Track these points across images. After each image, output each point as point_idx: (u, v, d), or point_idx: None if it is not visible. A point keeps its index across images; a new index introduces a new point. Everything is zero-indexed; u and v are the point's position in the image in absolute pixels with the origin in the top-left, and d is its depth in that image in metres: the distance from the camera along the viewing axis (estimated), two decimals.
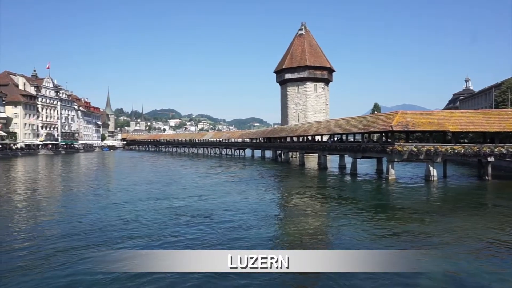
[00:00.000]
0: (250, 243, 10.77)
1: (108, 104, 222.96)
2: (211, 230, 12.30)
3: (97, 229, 12.61)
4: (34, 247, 10.52)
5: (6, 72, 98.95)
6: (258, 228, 12.71)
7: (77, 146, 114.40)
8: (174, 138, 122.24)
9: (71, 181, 31.08)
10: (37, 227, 13.31)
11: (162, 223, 13.46)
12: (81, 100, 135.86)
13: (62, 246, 10.54)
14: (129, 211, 15.64)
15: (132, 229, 12.54)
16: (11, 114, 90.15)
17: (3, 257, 9.58)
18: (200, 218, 14.18)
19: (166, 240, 11.15)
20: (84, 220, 14.22)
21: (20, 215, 15.65)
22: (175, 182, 27.31)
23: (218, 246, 10.45)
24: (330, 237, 12.23)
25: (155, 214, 15.06)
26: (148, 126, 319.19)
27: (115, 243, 10.81)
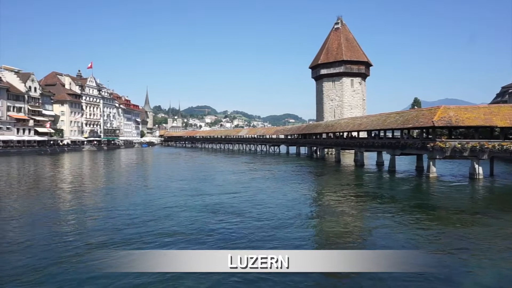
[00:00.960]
0: (282, 243, 10.56)
1: (147, 101, 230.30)
2: (243, 229, 12.19)
3: (128, 225, 12.78)
4: (63, 242, 10.92)
5: (54, 72, 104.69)
6: (291, 227, 12.47)
7: (118, 142, 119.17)
8: (210, 135, 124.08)
9: (112, 176, 32.29)
10: (73, 221, 13.83)
11: (193, 220, 13.45)
12: (121, 98, 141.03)
13: (90, 241, 10.83)
14: (162, 208, 15.80)
15: (162, 226, 12.54)
16: (59, 112, 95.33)
17: (37, 249, 10.07)
18: (232, 216, 14.12)
19: (196, 238, 11.09)
20: (118, 215, 14.54)
21: (60, 208, 16.41)
22: (209, 179, 27.60)
23: (249, 245, 10.32)
24: (366, 238, 11.78)
25: (187, 211, 15.11)
26: (184, 123, 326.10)
27: (139, 241, 10.74)
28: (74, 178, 30.01)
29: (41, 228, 12.39)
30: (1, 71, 79.49)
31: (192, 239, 10.98)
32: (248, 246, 10.26)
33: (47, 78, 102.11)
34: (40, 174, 33.13)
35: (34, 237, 11.27)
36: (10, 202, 17.89)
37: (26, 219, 13.97)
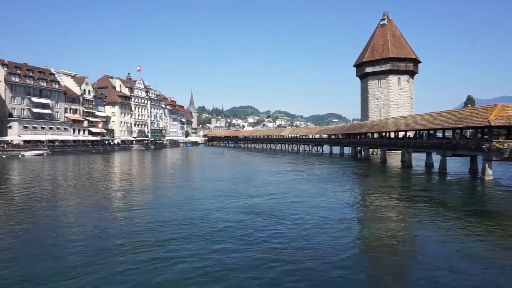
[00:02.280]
0: (324, 251, 10.14)
1: (192, 102, 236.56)
2: (282, 233, 11.89)
3: (166, 224, 12.91)
4: (98, 239, 11.35)
5: (106, 76, 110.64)
6: (334, 232, 12.06)
7: (164, 142, 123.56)
8: (252, 134, 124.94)
9: (158, 175, 33.39)
10: (114, 218, 14.31)
11: (232, 222, 13.30)
12: (167, 99, 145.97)
13: (123, 240, 11.10)
14: (201, 209, 15.73)
15: (198, 227, 12.53)
16: (110, 113, 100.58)
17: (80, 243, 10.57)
18: (272, 219, 13.85)
19: (231, 243, 10.88)
20: (158, 214, 14.80)
21: (108, 205, 17.15)
22: (250, 179, 27.62)
23: (289, 252, 10.01)
24: (415, 249, 11.00)
25: (226, 212, 14.98)
26: (228, 123, 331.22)
27: (171, 243, 10.71)
28: (124, 176, 31.41)
29: (90, 223, 13.02)
30: (59, 76, 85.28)
31: (227, 243, 10.77)
32: (287, 253, 9.97)
33: (100, 81, 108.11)
34: (93, 172, 35.05)
35: (84, 231, 11.88)
36: (66, 197, 19.07)
37: (78, 214, 14.76)
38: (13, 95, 70.31)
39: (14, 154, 60.91)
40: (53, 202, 17.84)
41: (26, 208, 16.02)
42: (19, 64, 75.53)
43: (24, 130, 70.92)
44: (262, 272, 8.52)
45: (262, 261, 9.23)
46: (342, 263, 9.22)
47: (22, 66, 75.57)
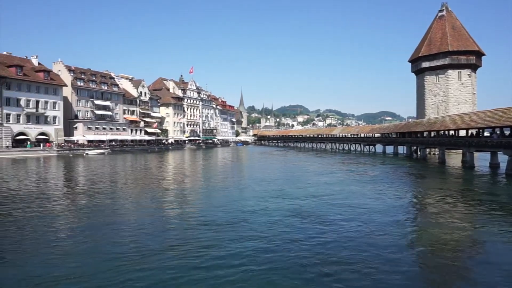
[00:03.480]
0: (376, 257, 9.49)
1: (241, 102, 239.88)
2: (330, 237, 11.36)
3: (211, 225, 12.84)
4: (137, 237, 11.68)
5: (160, 78, 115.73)
6: (388, 237, 11.37)
7: (215, 141, 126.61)
8: (302, 134, 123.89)
9: (209, 174, 34.12)
10: (165, 216, 14.78)
11: (276, 224, 12.85)
12: (218, 99, 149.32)
13: (169, 240, 11.28)
14: (245, 210, 15.42)
15: (241, 229, 12.26)
16: (164, 114, 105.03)
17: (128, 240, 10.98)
18: (319, 222, 13.31)
19: (273, 247, 10.57)
20: (205, 214, 14.90)
21: (158, 202, 17.78)
22: (298, 180, 27.19)
23: (338, 258, 9.53)
24: (479, 256, 10.05)
25: (271, 214, 14.58)
26: (277, 122, 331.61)
27: (214, 244, 10.60)
28: (176, 174, 32.57)
29: (142, 220, 13.54)
30: (118, 79, 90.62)
31: (271, 246, 10.40)
32: (336, 259, 9.52)
33: (155, 83, 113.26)
34: (149, 170, 36.75)
35: (136, 228, 12.39)
36: (123, 194, 20.11)
37: (133, 211, 15.48)
38: (78, 98, 75.88)
39: (79, 153, 65.69)
40: (112, 198, 18.88)
41: (89, 203, 17.12)
42: (84, 69, 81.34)
43: (87, 130, 76.26)
44: (308, 279, 8.30)
45: (307, 267, 8.94)
46: (398, 270, 8.68)
47: (86, 71, 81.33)
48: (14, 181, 26.04)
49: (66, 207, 16.60)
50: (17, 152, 56.96)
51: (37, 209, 15.76)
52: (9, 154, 54.93)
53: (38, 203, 17.08)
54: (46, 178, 29.12)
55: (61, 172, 35.04)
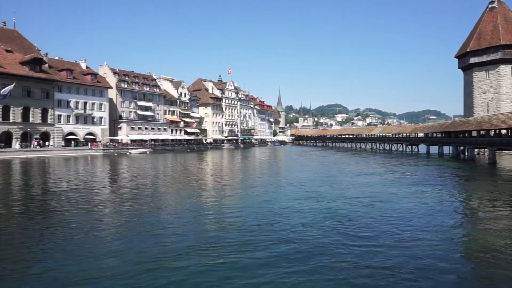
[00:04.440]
0: (414, 269, 8.94)
1: (279, 102, 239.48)
2: (367, 242, 10.84)
3: (243, 226, 12.73)
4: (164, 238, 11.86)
5: (199, 79, 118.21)
6: (432, 244, 10.66)
7: (252, 141, 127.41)
8: (341, 133, 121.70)
9: (245, 173, 34.27)
10: (201, 215, 14.95)
11: (310, 227, 12.50)
12: (256, 99, 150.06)
13: (203, 239, 11.34)
14: (278, 213, 15.04)
15: (274, 232, 11.96)
16: (203, 114, 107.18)
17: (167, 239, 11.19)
18: (356, 225, 12.83)
19: (309, 249, 10.36)
20: (239, 214, 14.94)
21: (195, 200, 18.07)
22: (335, 180, 26.58)
23: (371, 267, 9.10)
24: None
25: (304, 216, 14.21)
26: (315, 122, 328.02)
27: (250, 244, 10.53)
28: (214, 173, 33.08)
29: (180, 218, 13.83)
30: (159, 81, 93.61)
31: (301, 252, 10.04)
32: (370, 269, 9.10)
33: (194, 84, 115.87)
34: (188, 168, 37.63)
35: (174, 225, 12.69)
36: (164, 191, 20.75)
37: (172, 208, 15.86)
38: (122, 99, 79.24)
39: (123, 152, 68.58)
40: (152, 196, 19.49)
41: (131, 201, 17.79)
42: (127, 72, 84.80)
43: (131, 130, 79.42)
44: (341, 285, 8.08)
45: (340, 272, 8.68)
46: (443, 281, 8.22)
47: (129, 73, 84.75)
48: (66, 179, 27.63)
49: (111, 204, 17.34)
50: (68, 151, 60.44)
51: (85, 206, 16.59)
52: (61, 153, 58.41)
53: (85, 200, 18.00)
54: (93, 176, 30.64)
55: (107, 170, 36.73)
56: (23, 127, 57.18)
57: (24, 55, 60.15)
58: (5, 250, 10.15)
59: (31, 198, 19.16)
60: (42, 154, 54.71)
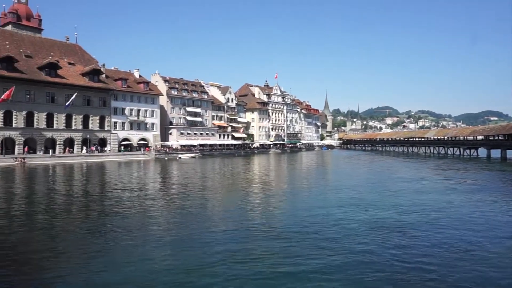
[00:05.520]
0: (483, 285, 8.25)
1: (326, 105, 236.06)
2: (413, 257, 10.02)
3: (285, 234, 12.50)
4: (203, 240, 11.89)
5: (246, 84, 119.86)
6: (496, 260, 9.78)
7: (299, 145, 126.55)
8: (391, 137, 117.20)
9: (291, 178, 34.10)
10: (246, 220, 14.92)
11: (354, 236, 12.01)
12: (302, 103, 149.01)
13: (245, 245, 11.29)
14: (324, 220, 14.66)
15: (316, 240, 11.63)
16: (250, 119, 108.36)
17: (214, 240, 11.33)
18: (404, 236, 11.97)
19: (350, 262, 9.94)
20: (282, 221, 14.80)
21: (242, 205, 18.09)
22: (385, 186, 25.53)
23: (420, 283, 8.47)
24: None
25: (352, 225, 13.59)
26: (364, 125, 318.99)
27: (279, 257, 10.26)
28: (261, 178, 33.22)
29: (226, 222, 14.01)
30: (207, 87, 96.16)
31: (342, 264, 9.59)
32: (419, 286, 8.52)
33: (241, 89, 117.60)
34: (236, 173, 38.21)
35: (220, 230, 12.88)
36: (212, 195, 21.22)
37: (219, 212, 16.18)
38: (172, 106, 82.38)
39: (173, 156, 71.15)
40: (202, 200, 19.99)
41: (180, 203, 18.41)
42: (177, 79, 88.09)
43: (180, 135, 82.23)
44: None
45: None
46: None
47: (179, 81, 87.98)
48: (122, 182, 29.23)
49: (162, 208, 18.02)
50: (123, 156, 63.92)
51: (138, 209, 17.41)
52: (117, 157, 61.92)
53: (139, 203, 18.89)
54: (147, 179, 32.11)
55: (158, 174, 38.32)
56: (83, 133, 61.36)
57: (84, 67, 64.67)
58: (60, 248, 10.92)
59: (90, 200, 20.48)
60: (100, 159, 58.34)
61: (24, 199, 20.80)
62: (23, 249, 11.01)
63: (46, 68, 56.95)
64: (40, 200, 20.62)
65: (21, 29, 71.99)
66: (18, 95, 52.03)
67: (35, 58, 58.53)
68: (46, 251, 10.75)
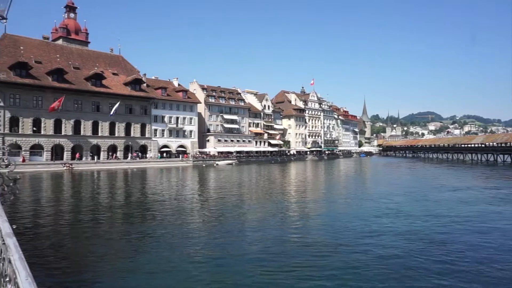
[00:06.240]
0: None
1: (364, 111, 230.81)
2: (455, 273, 9.37)
3: (318, 246, 12.10)
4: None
5: (282, 91, 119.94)
6: None
7: (337, 152, 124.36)
8: (434, 143, 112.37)
9: (330, 186, 33.45)
10: (271, 229, 14.81)
11: (392, 250, 11.40)
12: (340, 109, 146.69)
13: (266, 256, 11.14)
14: (359, 230, 14.14)
15: (352, 254, 11.10)
16: (286, 125, 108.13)
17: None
18: (446, 251, 11.17)
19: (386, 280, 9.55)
20: (315, 232, 14.46)
21: (277, 213, 18.00)
22: (427, 196, 24.34)
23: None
24: None
25: (389, 237, 12.98)
26: (404, 131, 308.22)
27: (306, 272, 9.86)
28: (297, 185, 32.93)
29: (261, 229, 13.98)
30: (244, 94, 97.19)
31: (377, 280, 9.19)
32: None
33: (277, 96, 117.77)
34: (272, 180, 38.15)
35: (256, 237, 12.87)
36: (249, 201, 21.29)
37: (255, 219, 16.17)
38: (210, 113, 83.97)
39: (211, 163, 72.33)
40: (239, 206, 20.12)
41: (218, 210, 18.64)
42: (214, 87, 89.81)
43: (217, 142, 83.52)
44: None
45: None
46: None
47: (216, 88, 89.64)
48: (162, 188, 30.11)
49: (200, 213, 18.37)
50: (162, 162, 65.88)
51: (178, 215, 17.82)
52: (157, 164, 63.93)
53: (178, 208, 19.37)
54: (186, 185, 32.87)
55: (197, 180, 39.10)
56: (125, 140, 63.96)
57: (127, 77, 67.58)
58: (105, 252, 11.35)
59: (133, 205, 21.26)
60: (141, 165, 60.48)
61: (71, 203, 21.93)
62: (65, 250, 11.57)
63: (92, 79, 60.14)
64: (86, 204, 21.66)
65: (70, 43, 76.75)
66: (67, 104, 55.26)
67: (83, 69, 62.01)
68: (88, 253, 11.24)
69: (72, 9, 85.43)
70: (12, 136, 50.21)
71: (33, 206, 20.30)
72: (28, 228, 14.48)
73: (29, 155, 51.82)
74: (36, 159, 52.34)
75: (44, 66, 56.21)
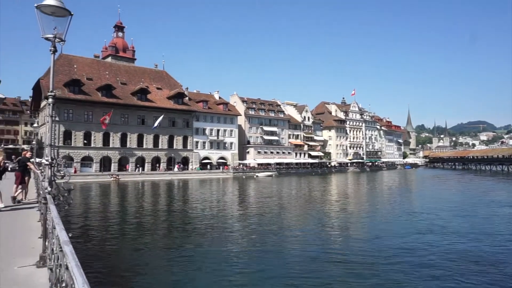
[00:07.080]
0: None
1: (409, 121, 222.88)
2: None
3: (357, 262, 11.81)
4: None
5: (323, 102, 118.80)
6: None
7: (380, 164, 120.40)
8: (487, 154, 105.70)
9: (369, 200, 32.43)
10: (310, 243, 14.54)
11: (434, 270, 10.81)
12: (382, 120, 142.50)
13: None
14: (399, 247, 13.56)
15: (389, 272, 10.67)
16: (326, 137, 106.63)
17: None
18: (496, 273, 10.54)
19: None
20: (355, 248, 14.08)
21: (314, 225, 17.74)
22: (476, 212, 22.87)
23: None
24: None
25: (432, 256, 12.39)
26: (453, 142, 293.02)
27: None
28: (337, 198, 32.32)
29: (299, 244, 13.89)
30: (284, 106, 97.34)
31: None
32: None
33: (317, 108, 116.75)
34: (313, 192, 37.66)
35: (292, 250, 12.75)
36: (289, 214, 21.15)
37: (294, 233, 16.02)
38: (250, 125, 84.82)
39: (250, 175, 72.74)
40: (278, 218, 20.11)
41: (258, 222, 18.73)
42: (254, 99, 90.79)
43: (257, 154, 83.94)
44: None
45: None
46: None
47: (256, 101, 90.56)
48: (204, 199, 30.72)
49: (240, 225, 18.53)
50: (203, 174, 67.22)
51: (218, 226, 18.11)
52: (198, 175, 65.34)
53: (219, 219, 19.68)
54: (226, 197, 33.33)
55: (237, 192, 39.45)
56: (168, 152, 66.07)
57: (170, 91, 70.16)
58: (148, 261, 11.71)
59: (176, 215, 21.84)
60: (183, 176, 62.09)
61: (119, 213, 22.93)
62: (115, 259, 12.07)
63: (138, 93, 63.06)
64: (133, 214, 22.55)
65: (118, 60, 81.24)
66: (115, 118, 58.22)
67: (129, 84, 65.24)
68: (136, 264, 11.66)
69: (121, 29, 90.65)
70: (65, 149, 53.56)
71: (85, 215, 21.48)
72: (80, 236, 15.29)
73: (80, 167, 55.00)
74: (86, 170, 55.42)
75: (95, 82, 59.83)
